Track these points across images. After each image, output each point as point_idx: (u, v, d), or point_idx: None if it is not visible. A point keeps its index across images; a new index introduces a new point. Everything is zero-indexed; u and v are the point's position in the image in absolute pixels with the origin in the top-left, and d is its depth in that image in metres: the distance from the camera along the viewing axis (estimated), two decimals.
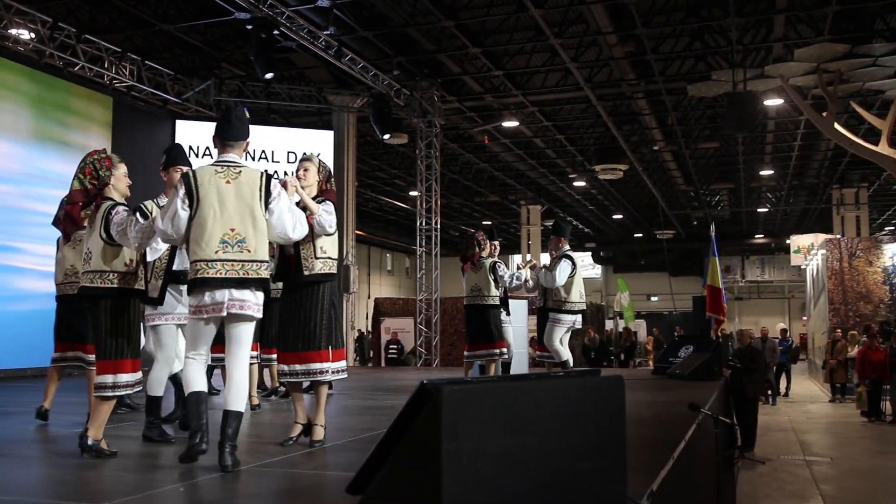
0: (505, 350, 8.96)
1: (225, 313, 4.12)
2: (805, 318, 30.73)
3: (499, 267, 9.16)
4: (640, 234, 39.31)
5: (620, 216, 35.33)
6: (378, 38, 15.02)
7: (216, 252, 4.08)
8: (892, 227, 35.62)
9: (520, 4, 13.29)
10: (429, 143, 17.90)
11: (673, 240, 37.88)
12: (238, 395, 4.14)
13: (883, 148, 14.45)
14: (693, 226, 37.42)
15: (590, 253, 44.35)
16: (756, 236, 40.32)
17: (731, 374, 10.46)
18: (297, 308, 4.89)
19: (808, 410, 16.37)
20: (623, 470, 2.56)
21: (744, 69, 14.63)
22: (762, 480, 9.02)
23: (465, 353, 9.21)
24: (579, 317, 8.88)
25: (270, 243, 4.50)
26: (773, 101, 17.20)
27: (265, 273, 4.21)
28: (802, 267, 27.27)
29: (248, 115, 4.51)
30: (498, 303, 9.02)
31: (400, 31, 14.91)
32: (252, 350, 4.61)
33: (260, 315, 4.28)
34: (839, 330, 18.24)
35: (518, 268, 10.51)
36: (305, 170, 5.05)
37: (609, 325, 29.28)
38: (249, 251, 4.12)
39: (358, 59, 14.81)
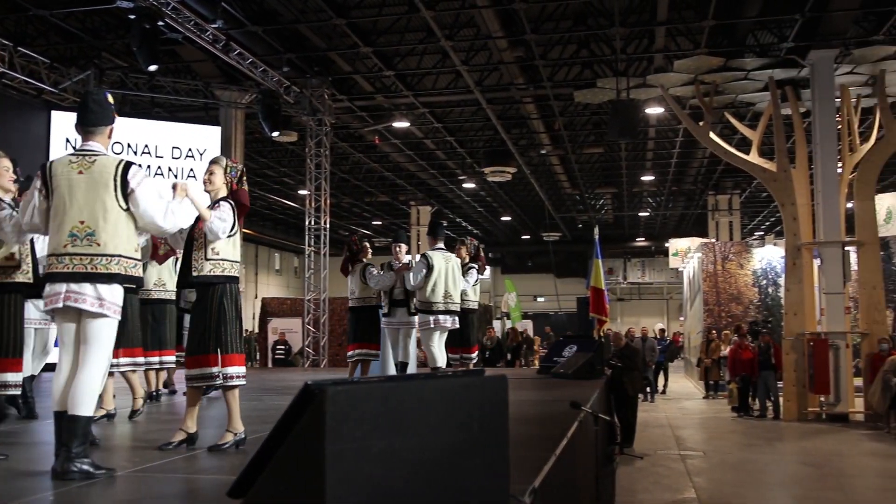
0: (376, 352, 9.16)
1: (61, 304, 3.86)
2: (682, 318, 32.03)
3: (369, 269, 9.32)
4: (528, 236, 40.07)
5: (508, 218, 35.92)
6: (268, 33, 14.77)
7: (65, 246, 3.88)
8: (762, 232, 37.57)
9: (411, 5, 13.34)
10: (318, 142, 17.73)
11: (559, 242, 38.76)
12: (79, 397, 3.80)
13: (754, 157, 15.22)
14: (578, 228, 38.42)
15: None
16: (637, 239, 41.74)
17: (612, 372, 10.80)
18: (196, 311, 4.88)
19: (683, 407, 17.07)
20: (506, 467, 2.61)
21: (627, 78, 15.13)
22: (640, 475, 9.33)
23: (348, 353, 9.38)
24: (447, 317, 8.80)
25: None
26: (654, 110, 17.89)
27: (117, 268, 3.93)
28: (680, 269, 28.40)
29: (110, 99, 4.18)
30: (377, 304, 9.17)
31: (290, 27, 14.72)
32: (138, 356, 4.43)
33: (109, 312, 3.93)
34: (714, 331, 19.11)
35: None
36: (211, 173, 4.93)
37: (497, 325, 29.69)
38: (98, 245, 3.89)
39: (247, 54, 14.53)
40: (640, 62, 16.05)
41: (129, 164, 4.03)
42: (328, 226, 18.09)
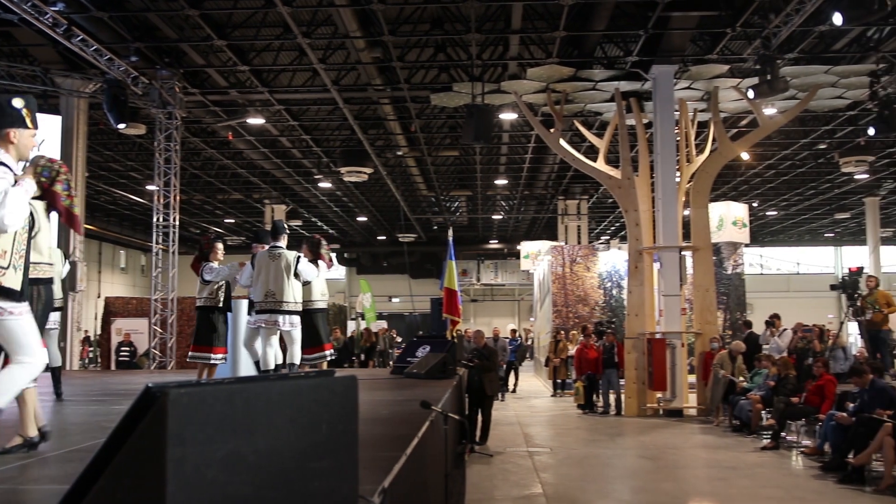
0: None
1: None
2: (532, 319, 32.96)
3: (207, 265, 9.15)
4: (384, 237, 40.15)
5: (364, 218, 35.86)
6: (115, 20, 14.09)
7: None
8: (608, 237, 39.27)
9: (268, 0, 13.09)
10: (168, 136, 17.08)
11: (414, 243, 39.06)
12: None
13: (600, 164, 15.90)
14: (433, 230, 38.84)
15: (334, 254, 44.53)
16: (491, 242, 42.65)
17: (469, 371, 10.98)
18: None
19: (532, 405, 17.58)
20: (355, 469, 2.61)
21: (482, 83, 15.43)
22: (491, 472, 9.55)
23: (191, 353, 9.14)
24: (271, 316, 8.62)
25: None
26: (508, 116, 18.35)
27: None
28: (531, 271, 29.23)
29: (17, 103, 4.25)
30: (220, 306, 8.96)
31: (139, 15, 14.10)
32: None
33: None
34: (562, 331, 19.79)
35: None
36: (24, 173, 4.65)
37: (351, 326, 29.55)
38: None
39: (90, 40, 13.80)
40: (495, 68, 16.42)
41: None
42: (177, 223, 17.46)
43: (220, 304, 9.56)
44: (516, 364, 20.96)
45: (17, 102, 4.27)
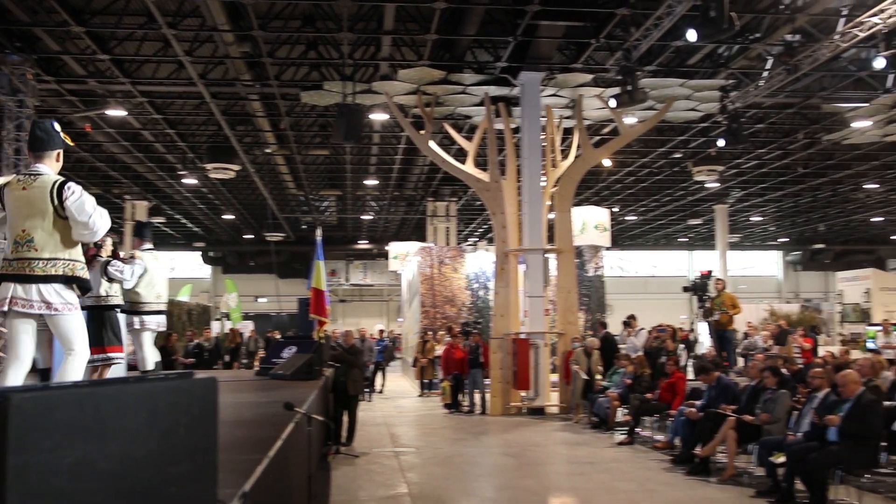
0: (121, 355, 8.42)
1: None
2: (401, 319, 33.07)
3: (114, 265, 8.65)
4: (251, 236, 39.31)
5: (231, 216, 34.99)
6: None
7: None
8: (476, 239, 39.88)
9: None
10: (19, 125, 16.07)
11: (282, 242, 38.43)
12: None
13: (469, 167, 16.15)
14: (302, 229, 38.33)
15: (200, 253, 43.29)
16: (360, 242, 42.49)
17: (334, 372, 10.91)
18: None
19: (399, 405, 17.64)
20: (214, 473, 2.56)
21: (353, 83, 15.38)
22: (357, 473, 9.51)
23: None
24: (159, 317, 8.58)
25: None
26: (379, 116, 18.34)
27: None
28: (399, 272, 29.30)
29: (57, 127, 4.81)
30: (116, 304, 8.43)
31: None
32: None
33: None
34: (429, 331, 19.94)
35: None
36: None
37: (216, 326, 28.77)
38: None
39: None
40: (367, 68, 16.39)
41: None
42: None
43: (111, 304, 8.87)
44: (384, 364, 20.97)
45: (57, 126, 4.84)
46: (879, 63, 12.38)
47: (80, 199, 4.53)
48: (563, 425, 13.64)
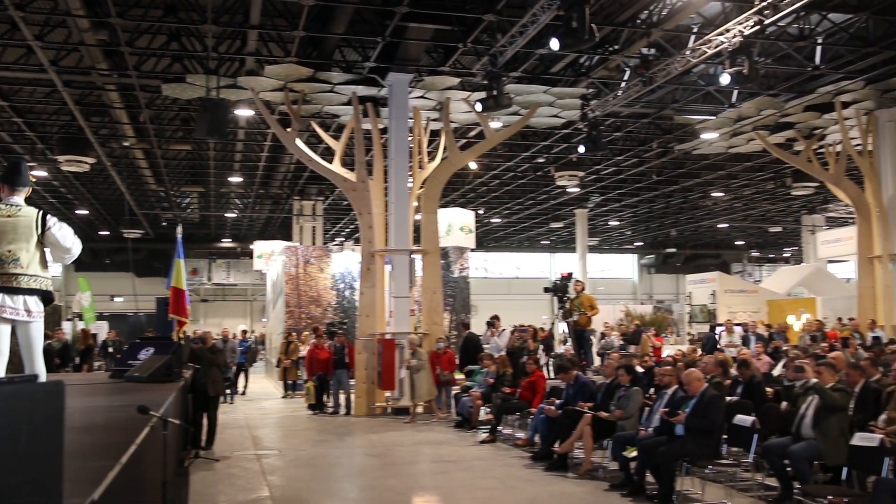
0: None
1: None
2: (265, 319, 32.47)
3: None
4: (107, 232, 37.61)
5: (85, 212, 33.35)
6: None
7: None
8: (342, 239, 39.66)
9: None
10: None
11: (141, 240, 37.03)
12: None
13: (336, 167, 16.04)
14: (162, 226, 37.03)
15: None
16: (223, 240, 41.44)
17: (192, 374, 10.58)
18: None
19: (262, 407, 17.32)
20: (59, 481, 2.44)
21: (218, 77, 14.97)
22: (217, 478, 9.28)
23: None
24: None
25: None
26: (245, 112, 17.94)
27: None
28: (264, 272, 28.77)
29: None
30: None
31: None
32: None
33: None
34: (293, 332, 19.67)
35: None
36: None
37: (67, 327, 27.32)
38: None
39: None
40: (232, 63, 15.98)
41: None
42: None
43: None
44: (246, 365, 20.54)
45: (26, 166, 5.83)
46: (725, 79, 13.13)
47: (63, 230, 5.63)
48: (427, 424, 13.77)
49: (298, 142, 16.23)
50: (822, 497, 6.50)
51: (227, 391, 17.32)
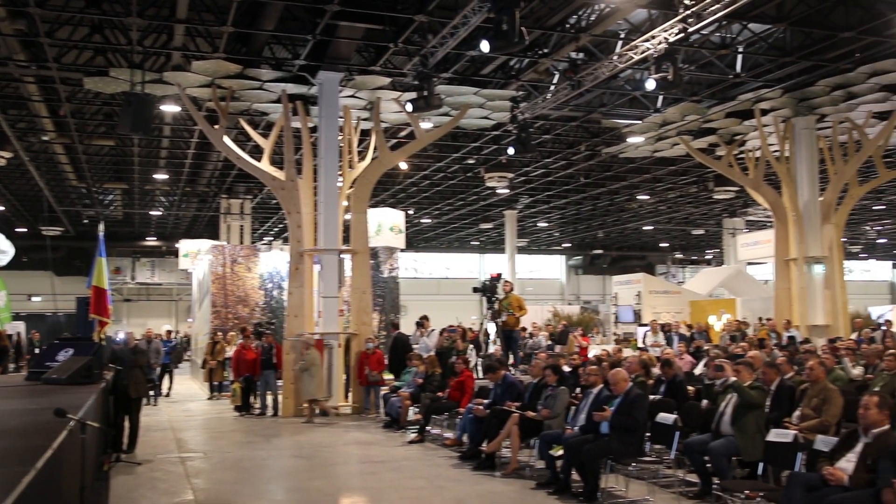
0: None
1: None
2: (190, 320, 31.87)
3: None
4: (24, 229, 36.36)
5: (2, 208, 32.19)
6: None
7: None
8: (271, 238, 39.21)
9: None
10: None
11: (60, 237, 35.99)
12: None
13: (265, 165, 15.86)
14: (84, 224, 36.03)
15: None
16: (148, 238, 40.55)
17: (113, 375, 10.31)
18: None
19: (187, 409, 16.98)
20: None
21: (143, 71, 14.65)
22: (138, 482, 9.07)
23: None
24: None
25: None
26: (171, 107, 17.57)
27: None
28: (190, 271, 28.23)
29: None
30: None
31: None
32: None
33: None
34: (220, 332, 19.34)
35: None
36: None
37: None
38: None
39: None
40: (158, 57, 15.63)
41: None
42: None
43: None
44: (171, 366, 20.12)
45: None
46: (650, 85, 13.41)
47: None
48: (356, 425, 13.71)
49: (226, 139, 15.98)
50: (739, 492, 6.70)
51: (151, 393, 16.96)
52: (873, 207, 34.31)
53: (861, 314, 25.80)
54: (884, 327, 19.94)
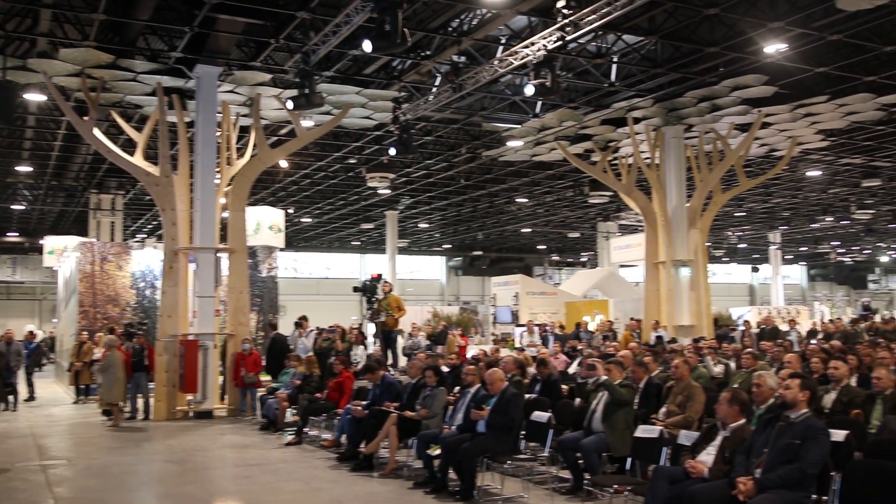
0: None
1: None
2: (56, 320, 30.38)
3: None
4: None
5: None
6: None
7: None
8: (145, 235, 37.84)
9: None
10: None
11: None
12: None
13: (138, 160, 15.29)
14: None
15: None
16: (9, 234, 38.46)
17: None
18: None
19: (50, 414, 16.16)
20: None
21: (5, 57, 13.87)
22: None
23: None
24: None
25: None
26: (35, 96, 16.67)
27: None
28: (55, 268, 26.91)
29: None
30: None
31: None
32: None
33: None
34: (85, 332, 18.50)
35: None
36: None
37: None
38: None
39: None
40: (22, 43, 14.80)
41: None
42: None
43: None
44: (33, 369, 19.12)
45: None
46: (529, 90, 13.72)
47: None
48: (232, 428, 13.42)
49: (97, 132, 15.32)
50: (608, 486, 6.95)
51: (10, 397, 16.09)
52: (735, 214, 36.28)
53: (723, 315, 27.25)
54: (742, 327, 21.14)
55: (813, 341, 16.63)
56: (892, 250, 48.40)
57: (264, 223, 22.05)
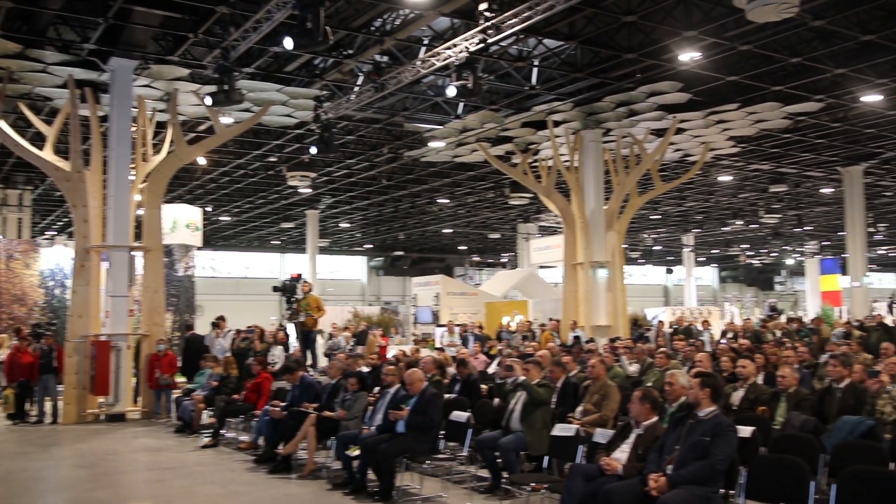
0: None
1: None
2: None
3: None
4: None
5: None
6: None
7: None
8: (55, 232, 36.53)
9: None
10: None
11: None
12: None
13: (48, 154, 14.77)
14: None
15: None
16: None
17: None
18: None
19: None
20: None
21: None
22: None
23: None
24: None
25: None
26: None
27: None
28: None
29: None
30: None
31: None
32: None
33: None
34: None
35: None
36: None
37: None
38: None
39: None
40: None
41: None
42: None
43: None
44: None
45: None
46: (451, 91, 13.77)
47: None
48: (146, 431, 13.08)
49: (3, 124, 14.72)
50: (526, 484, 7.04)
51: None
52: (651, 217, 37.21)
53: (638, 315, 27.91)
54: (655, 327, 21.70)
55: (723, 341, 17.20)
56: (797, 253, 50.36)
57: (181, 221, 21.56)
